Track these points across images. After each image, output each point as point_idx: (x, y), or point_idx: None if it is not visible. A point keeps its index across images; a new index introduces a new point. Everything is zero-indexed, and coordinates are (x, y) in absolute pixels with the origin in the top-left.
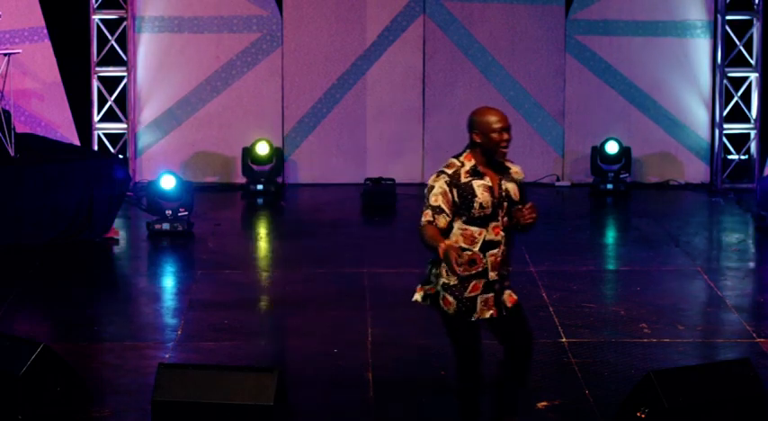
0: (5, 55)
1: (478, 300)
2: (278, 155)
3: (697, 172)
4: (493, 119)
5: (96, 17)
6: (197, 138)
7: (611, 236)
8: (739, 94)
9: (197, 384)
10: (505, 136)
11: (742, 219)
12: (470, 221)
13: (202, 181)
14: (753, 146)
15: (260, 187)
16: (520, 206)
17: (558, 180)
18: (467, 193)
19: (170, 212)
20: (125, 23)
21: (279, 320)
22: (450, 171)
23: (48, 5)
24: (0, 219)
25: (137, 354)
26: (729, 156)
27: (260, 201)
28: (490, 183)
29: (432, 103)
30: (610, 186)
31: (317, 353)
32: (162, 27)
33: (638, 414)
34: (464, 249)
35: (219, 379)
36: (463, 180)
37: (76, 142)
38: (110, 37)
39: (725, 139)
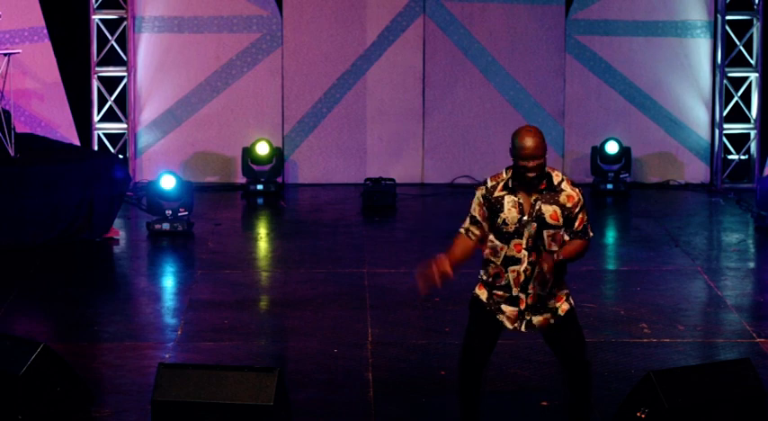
0: (5, 55)
1: (503, 308)
2: (278, 155)
3: (697, 172)
4: (521, 145)
5: (96, 17)
6: (197, 138)
7: (611, 236)
8: (739, 94)
9: (197, 384)
10: (530, 163)
11: (742, 219)
12: (496, 234)
13: (202, 181)
14: (753, 146)
15: (260, 187)
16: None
17: None
18: (496, 207)
19: (170, 212)
20: (125, 23)
21: (279, 320)
22: (490, 183)
23: (48, 5)
24: (0, 219)
25: (137, 354)
26: (729, 156)
27: (260, 201)
28: (522, 201)
29: (432, 103)
30: (610, 186)
31: (317, 353)
32: (162, 27)
33: (638, 414)
34: (489, 261)
35: (219, 379)
36: (496, 194)
37: (76, 142)
38: (110, 37)
39: (725, 139)
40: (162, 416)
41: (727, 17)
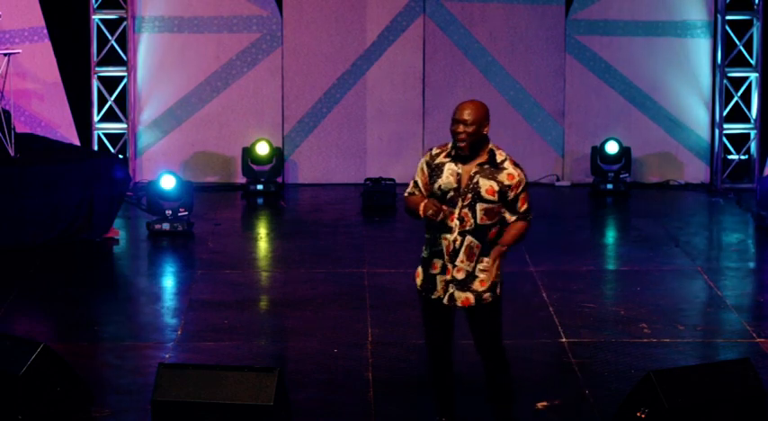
0: (5, 55)
1: (438, 279)
2: (278, 155)
3: (697, 172)
4: (454, 110)
5: (96, 17)
6: (197, 139)
7: (611, 236)
8: (739, 94)
9: (197, 384)
10: (459, 128)
11: (742, 219)
12: (436, 195)
13: (202, 181)
14: (753, 146)
15: (260, 187)
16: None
17: (558, 180)
18: (436, 173)
19: (170, 212)
20: (125, 23)
21: (279, 320)
22: (435, 151)
23: (48, 5)
24: (0, 219)
25: (137, 354)
26: (729, 156)
27: (260, 201)
28: (460, 171)
29: (432, 103)
30: (610, 186)
31: (317, 353)
32: (162, 27)
33: (638, 414)
34: (429, 228)
35: (219, 379)
36: (438, 160)
37: (76, 142)
38: (110, 37)
39: (725, 139)
40: (162, 416)
41: (727, 17)
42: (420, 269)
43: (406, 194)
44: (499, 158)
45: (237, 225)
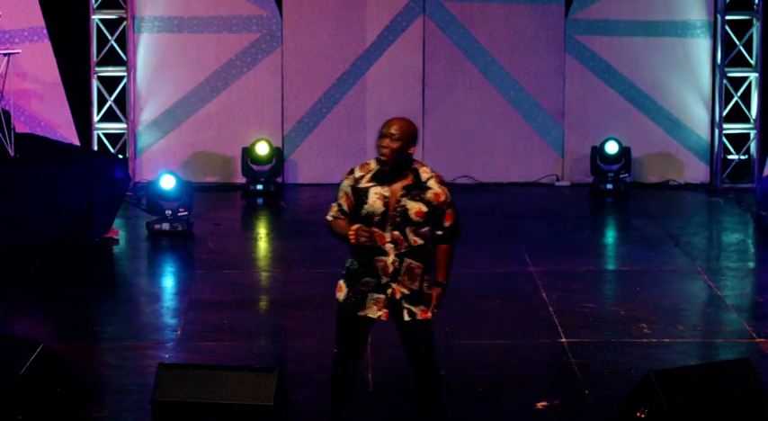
0: (5, 55)
1: (369, 297)
2: (278, 155)
3: (697, 172)
4: (383, 125)
5: (96, 17)
6: (197, 139)
7: (611, 236)
8: (739, 94)
9: (197, 384)
10: (384, 142)
11: (742, 219)
12: (363, 220)
13: (202, 181)
14: (752, 146)
15: (260, 187)
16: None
17: (557, 180)
18: (361, 198)
19: (170, 212)
20: (125, 23)
21: (279, 320)
22: (358, 173)
23: (48, 5)
24: (0, 219)
25: (137, 354)
26: (729, 156)
27: (260, 201)
28: (387, 194)
29: (432, 103)
30: (610, 186)
31: (317, 353)
32: (161, 27)
33: (638, 414)
34: (360, 249)
35: (219, 379)
36: (363, 184)
37: (76, 142)
38: (109, 37)
39: (725, 139)
40: (162, 416)
41: (727, 17)
42: (343, 283)
43: (330, 218)
44: (424, 177)
45: (237, 225)
